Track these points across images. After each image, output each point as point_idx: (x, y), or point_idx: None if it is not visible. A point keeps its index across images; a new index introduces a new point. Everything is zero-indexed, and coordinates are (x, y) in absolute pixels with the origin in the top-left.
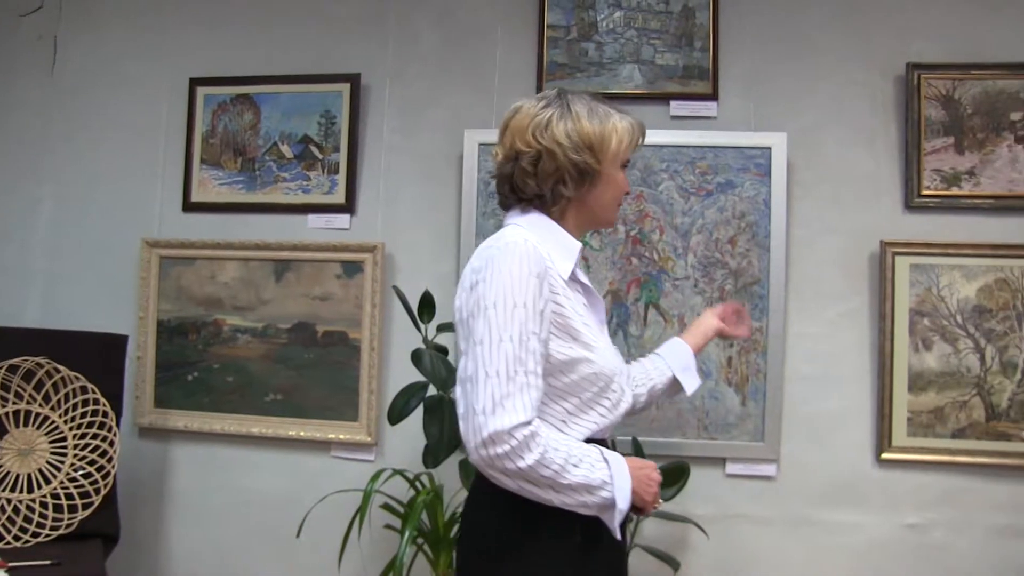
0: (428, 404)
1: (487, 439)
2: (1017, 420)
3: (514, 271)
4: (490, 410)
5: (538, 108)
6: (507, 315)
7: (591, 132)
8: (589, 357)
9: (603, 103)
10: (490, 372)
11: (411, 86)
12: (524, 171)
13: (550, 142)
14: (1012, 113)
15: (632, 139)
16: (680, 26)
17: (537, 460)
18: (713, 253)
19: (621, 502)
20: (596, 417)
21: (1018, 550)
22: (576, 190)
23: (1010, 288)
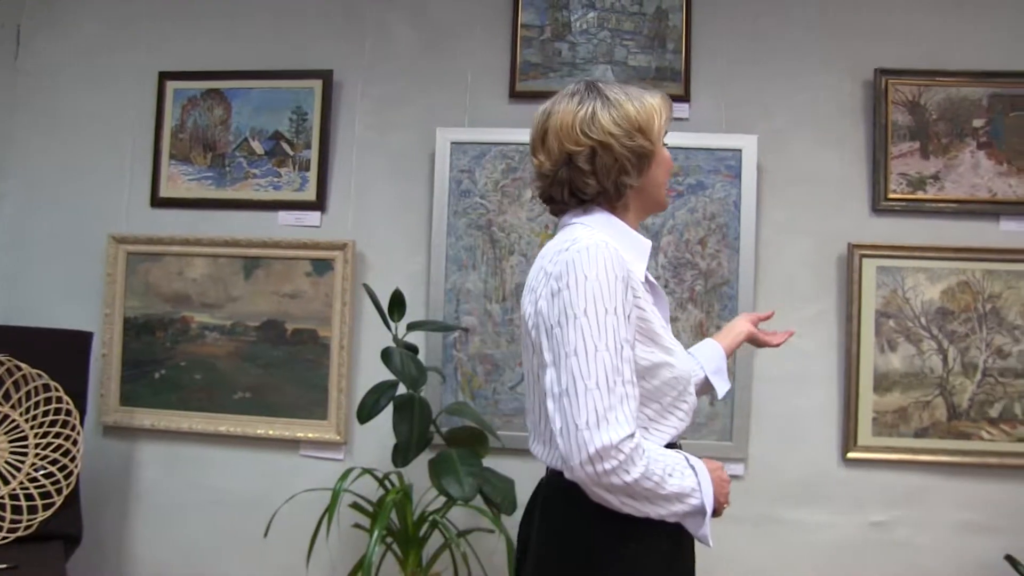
0: (398, 403)
1: (594, 455)
2: (977, 420)
3: (601, 276)
4: (595, 424)
5: (575, 104)
6: (600, 323)
7: (637, 114)
8: (670, 361)
9: (629, 86)
10: (589, 385)
11: (384, 84)
12: (581, 171)
13: (602, 134)
14: (975, 120)
15: (669, 112)
16: (653, 28)
17: (642, 473)
18: (683, 254)
19: (709, 508)
20: (675, 422)
21: (978, 546)
22: (639, 177)
23: (972, 291)
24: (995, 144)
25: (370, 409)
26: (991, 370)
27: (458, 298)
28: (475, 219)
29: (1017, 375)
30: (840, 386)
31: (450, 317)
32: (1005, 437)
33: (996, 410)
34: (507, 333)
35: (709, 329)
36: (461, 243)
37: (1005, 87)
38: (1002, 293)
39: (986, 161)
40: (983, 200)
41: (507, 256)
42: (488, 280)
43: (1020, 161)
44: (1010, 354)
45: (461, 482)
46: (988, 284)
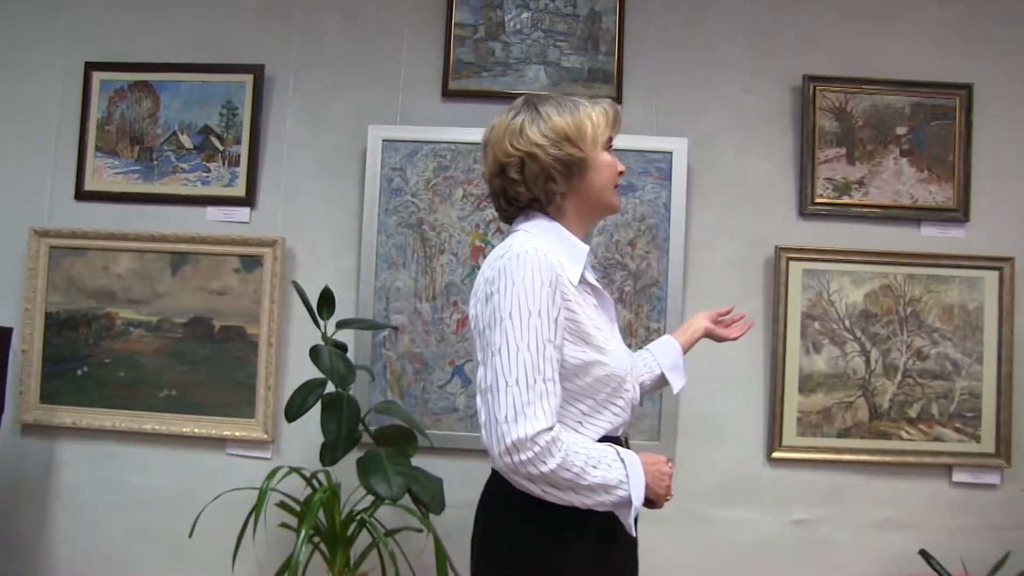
0: (326, 401)
1: (511, 446)
2: (897, 420)
3: (527, 281)
4: (512, 418)
5: (509, 119)
6: (523, 325)
7: (564, 124)
8: (602, 360)
9: (571, 98)
10: (510, 381)
11: (316, 80)
12: (512, 180)
13: (528, 145)
14: (898, 127)
15: (607, 119)
16: (586, 29)
17: (559, 464)
18: (613, 255)
19: (636, 499)
20: (611, 416)
21: (896, 542)
22: (567, 183)
23: (894, 294)
24: (917, 152)
25: (298, 407)
26: (911, 371)
27: (388, 296)
28: (406, 217)
29: (935, 376)
30: (766, 387)
31: (380, 315)
32: (922, 437)
33: (915, 410)
34: (437, 332)
35: (638, 330)
36: (391, 241)
37: (927, 97)
38: (922, 297)
39: (908, 168)
40: (905, 206)
41: (438, 255)
42: (418, 279)
43: (940, 169)
44: (929, 356)
45: (389, 481)
46: (909, 288)
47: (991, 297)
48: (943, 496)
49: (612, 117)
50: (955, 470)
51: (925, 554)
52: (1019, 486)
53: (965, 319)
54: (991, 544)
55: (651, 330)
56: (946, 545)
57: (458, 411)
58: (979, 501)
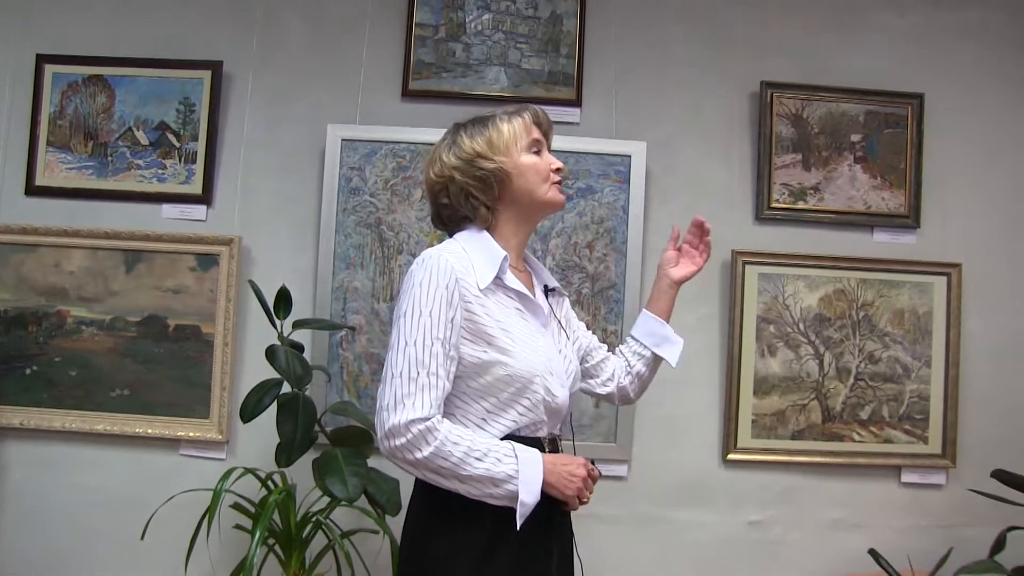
0: (282, 401)
1: (388, 432)
2: (849, 422)
3: (424, 283)
4: (392, 407)
5: (434, 149)
6: (413, 323)
7: (474, 145)
8: (503, 360)
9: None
10: (395, 373)
11: (275, 78)
12: (442, 204)
13: (447, 170)
14: (853, 134)
15: (522, 126)
16: (547, 32)
17: (433, 452)
18: (572, 257)
19: (526, 496)
20: (515, 415)
21: (847, 541)
22: (488, 195)
23: (847, 298)
24: (870, 159)
25: (253, 408)
26: (863, 374)
27: (345, 296)
28: (364, 217)
29: (886, 379)
30: (721, 389)
31: (337, 316)
32: (873, 438)
33: (866, 412)
34: None
35: (595, 332)
36: (349, 241)
37: (881, 105)
38: (874, 301)
39: (862, 175)
40: (859, 212)
41: (396, 255)
42: (376, 279)
43: (892, 176)
44: (880, 359)
45: (345, 482)
46: (862, 292)
47: (940, 302)
48: (892, 496)
49: (530, 122)
50: (904, 471)
51: (874, 553)
52: (963, 485)
53: (915, 323)
54: (937, 542)
55: (608, 332)
56: (895, 544)
57: None
58: (926, 501)
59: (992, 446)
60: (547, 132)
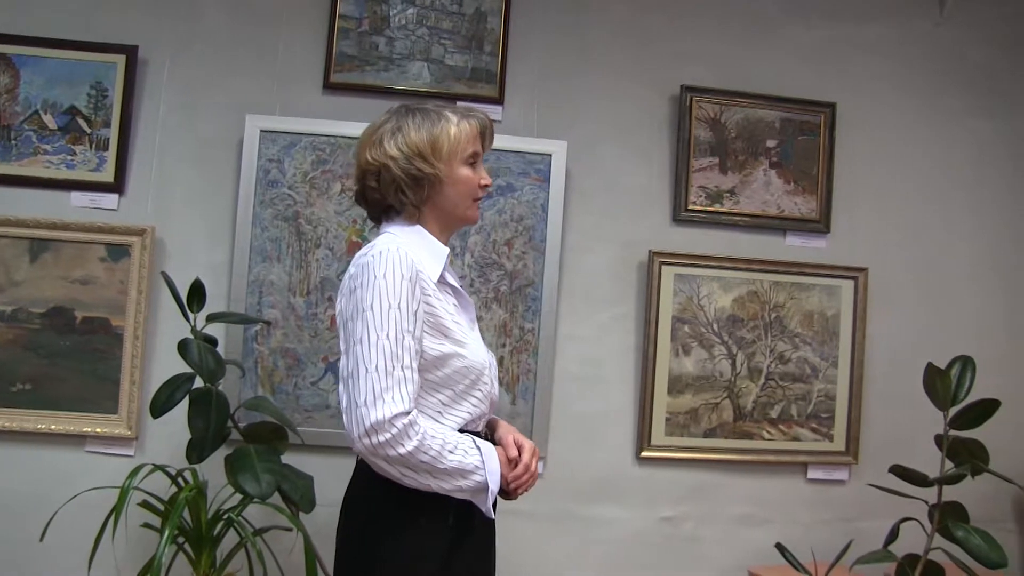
0: (194, 396)
1: (369, 428)
2: (759, 420)
3: (388, 276)
4: (371, 402)
5: (377, 126)
6: (383, 316)
7: (418, 141)
8: (460, 352)
9: (446, 109)
10: (370, 368)
11: (193, 65)
12: (370, 187)
13: (384, 157)
14: (768, 140)
15: (471, 134)
16: (471, 28)
17: (416, 447)
18: (490, 254)
19: (493, 484)
20: (469, 408)
21: (755, 537)
22: (416, 195)
23: (759, 300)
24: (785, 164)
25: (164, 403)
26: (773, 374)
27: (261, 290)
28: (282, 210)
29: (795, 379)
30: (636, 388)
31: (252, 309)
32: (782, 436)
33: (776, 411)
34: (310, 328)
35: (512, 329)
36: (266, 234)
37: (795, 112)
38: (786, 303)
39: (776, 180)
40: (772, 216)
41: (313, 249)
42: (293, 273)
43: (805, 181)
44: (790, 360)
45: (258, 479)
46: (774, 294)
47: (847, 305)
48: (799, 492)
49: (477, 131)
50: (810, 467)
51: (781, 547)
52: (865, 481)
53: (824, 325)
54: (839, 535)
55: (526, 330)
56: (800, 537)
57: (330, 408)
58: (830, 496)
59: (891, 443)
60: (488, 143)
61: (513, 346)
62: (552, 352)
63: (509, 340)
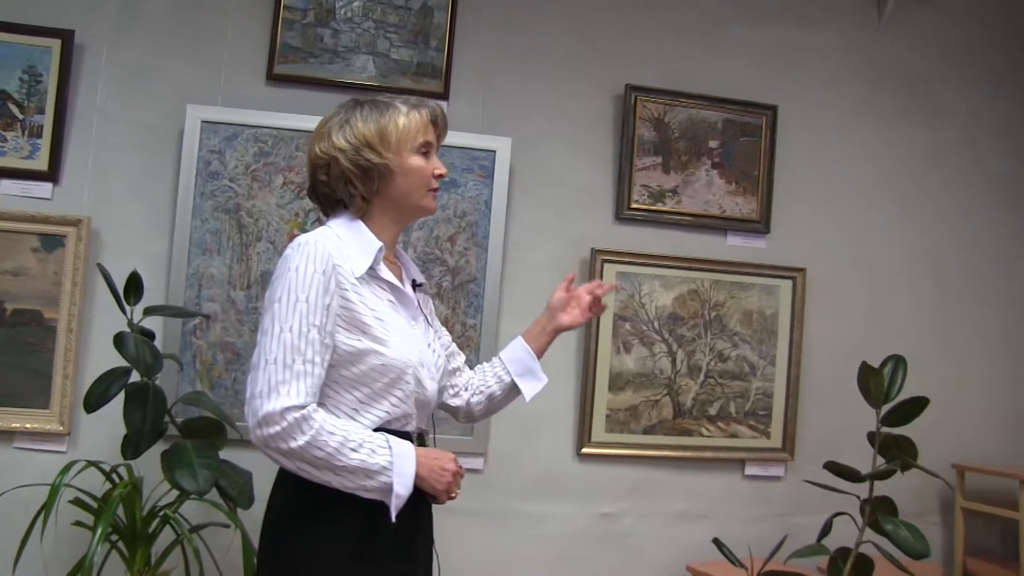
0: (130, 391)
1: (261, 420)
2: (698, 417)
3: (301, 268)
4: (266, 394)
5: (326, 120)
6: (289, 308)
7: (366, 132)
8: (378, 350)
9: (396, 99)
10: (269, 360)
11: (132, 52)
12: (320, 180)
13: (332, 150)
14: (711, 141)
15: (421, 124)
16: (418, 23)
17: (308, 441)
18: (433, 250)
19: (400, 488)
20: (388, 407)
21: (693, 532)
22: (366, 187)
23: (700, 299)
24: (726, 165)
25: (99, 397)
26: (712, 372)
27: (200, 283)
28: (223, 202)
29: (733, 377)
30: (578, 385)
31: (191, 303)
32: (720, 433)
33: (715, 409)
34: (250, 321)
35: (455, 326)
36: (207, 226)
37: (738, 114)
38: (725, 302)
39: (718, 180)
40: (714, 215)
41: (254, 242)
42: (233, 266)
43: (746, 182)
44: (729, 358)
45: (196, 475)
46: (714, 293)
47: (785, 304)
48: (736, 488)
49: (428, 121)
50: (747, 464)
51: (718, 542)
52: (800, 477)
53: (762, 324)
54: (775, 530)
55: (467, 326)
56: (737, 533)
57: None
58: (766, 492)
59: (826, 440)
60: (441, 133)
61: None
62: (494, 349)
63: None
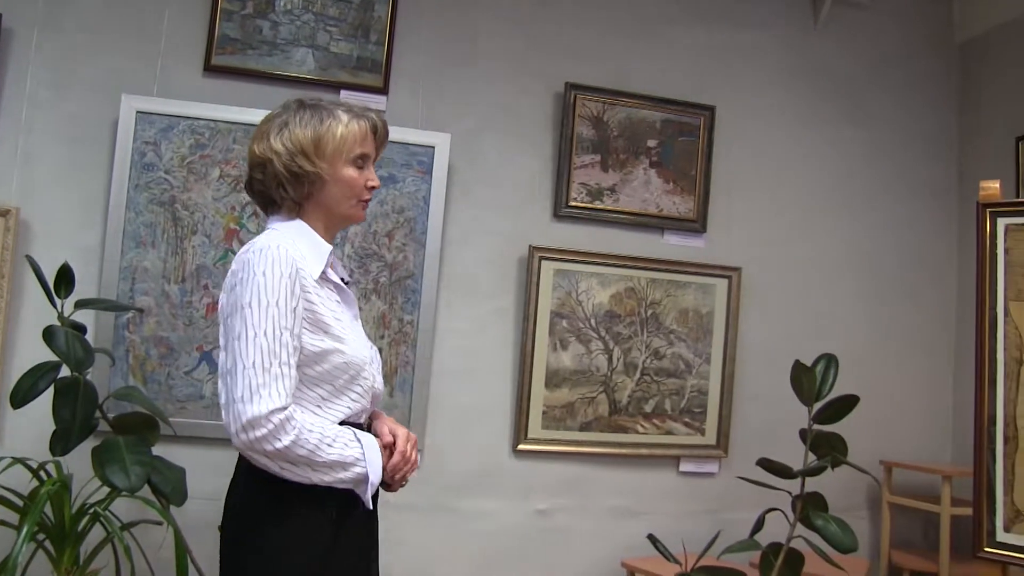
0: (59, 386)
1: (246, 424)
2: (634, 415)
3: (268, 273)
4: (248, 398)
5: (268, 119)
6: (261, 313)
7: (302, 138)
8: (340, 348)
9: (339, 107)
10: (247, 364)
11: (64, 38)
12: (256, 179)
13: (269, 151)
14: (649, 140)
15: (359, 135)
16: (358, 16)
17: (293, 441)
18: (370, 245)
19: (373, 476)
20: (349, 402)
21: (628, 528)
22: (297, 192)
23: (637, 296)
24: (664, 164)
25: (26, 393)
26: (648, 370)
27: (134, 276)
28: (158, 195)
29: (669, 374)
30: (514, 381)
31: (124, 296)
32: (655, 430)
33: (650, 406)
34: (185, 316)
35: (392, 321)
36: (141, 219)
37: (676, 114)
38: (662, 300)
39: (656, 179)
40: (651, 214)
41: (190, 235)
42: (168, 259)
43: (684, 182)
44: (665, 356)
45: (127, 471)
46: (651, 291)
47: (721, 303)
48: (671, 484)
49: (367, 132)
50: (682, 461)
51: (652, 538)
52: (733, 473)
53: (698, 322)
54: (709, 526)
55: (404, 322)
56: (671, 528)
57: (205, 398)
58: (700, 488)
59: (759, 437)
60: (380, 145)
61: (392, 338)
62: (431, 345)
63: (388, 332)
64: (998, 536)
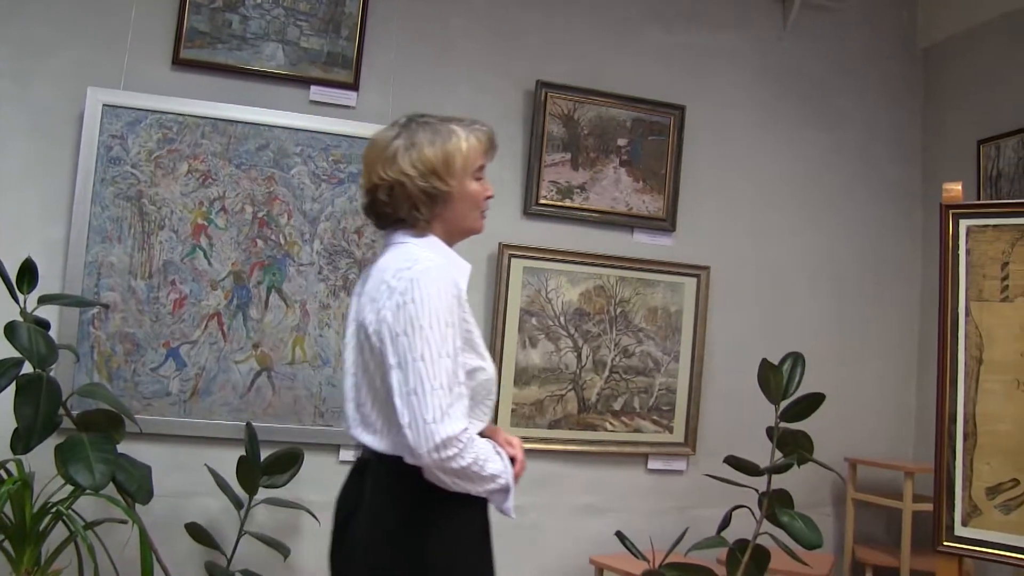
0: (22, 383)
1: (440, 444)
2: (603, 412)
3: (442, 293)
4: (439, 419)
5: (386, 141)
6: (442, 334)
7: (433, 158)
8: (483, 366)
9: (451, 122)
10: (435, 385)
11: (28, 28)
12: (382, 201)
13: (398, 174)
14: (619, 139)
15: (480, 150)
16: (329, 11)
17: (474, 459)
18: (340, 241)
19: (513, 486)
20: (482, 416)
21: (596, 525)
22: (430, 211)
23: (606, 295)
24: (634, 163)
25: None
26: (617, 368)
27: (99, 272)
28: (124, 189)
29: (638, 372)
30: None
31: (89, 292)
32: (624, 428)
33: (619, 404)
34: (152, 312)
35: None
36: (107, 213)
37: (646, 113)
38: (631, 298)
39: (626, 178)
40: (621, 213)
41: (157, 231)
42: (134, 255)
43: (653, 181)
44: (633, 354)
45: (91, 469)
46: (620, 289)
47: (689, 301)
48: (639, 482)
49: (487, 145)
50: (651, 458)
51: (620, 535)
52: (701, 471)
53: (667, 321)
54: (677, 523)
55: None
56: (640, 525)
57: (171, 395)
58: (668, 485)
59: (727, 435)
60: (493, 154)
61: None
62: None
63: None
64: (956, 530)
